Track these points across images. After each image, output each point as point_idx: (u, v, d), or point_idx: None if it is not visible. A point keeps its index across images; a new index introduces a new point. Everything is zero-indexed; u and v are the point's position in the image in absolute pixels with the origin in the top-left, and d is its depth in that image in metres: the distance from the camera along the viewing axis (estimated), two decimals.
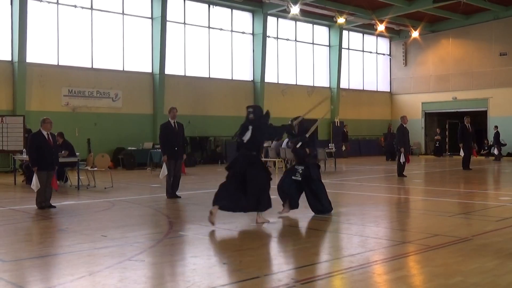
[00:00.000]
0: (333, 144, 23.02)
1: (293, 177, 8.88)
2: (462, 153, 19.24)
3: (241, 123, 8.23)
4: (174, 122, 11.57)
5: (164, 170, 11.31)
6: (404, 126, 16.74)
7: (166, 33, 23.62)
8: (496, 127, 27.40)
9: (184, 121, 23.82)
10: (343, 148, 28.38)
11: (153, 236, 7.45)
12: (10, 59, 20.25)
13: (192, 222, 8.71)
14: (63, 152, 14.02)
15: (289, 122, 8.90)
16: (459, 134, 19.51)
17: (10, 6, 20.19)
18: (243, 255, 6.19)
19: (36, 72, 20.66)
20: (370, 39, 33.65)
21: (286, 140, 20.94)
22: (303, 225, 8.22)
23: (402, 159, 16.33)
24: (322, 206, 8.90)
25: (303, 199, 9.08)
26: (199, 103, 24.92)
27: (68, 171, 14.84)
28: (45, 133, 10.06)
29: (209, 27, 25.71)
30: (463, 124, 19.55)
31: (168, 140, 11.45)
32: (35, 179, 9.85)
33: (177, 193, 11.50)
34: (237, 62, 26.99)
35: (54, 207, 10.02)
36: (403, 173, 16.53)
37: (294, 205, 8.94)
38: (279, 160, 20.01)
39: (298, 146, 8.86)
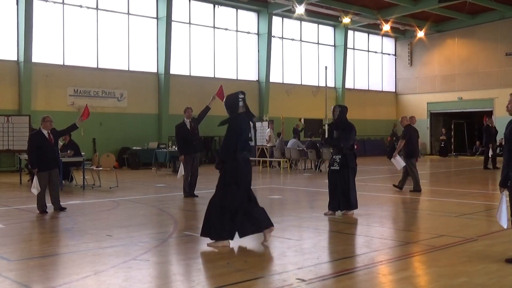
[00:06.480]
0: None
1: (331, 167, 9.01)
2: (491, 153, 19.26)
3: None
4: (189, 121, 11.66)
5: (181, 170, 11.44)
6: (413, 126, 16.75)
7: (171, 33, 23.66)
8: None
9: None
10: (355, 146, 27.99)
11: (158, 235, 7.46)
12: (16, 59, 20.33)
13: (197, 222, 8.71)
14: (68, 151, 14.08)
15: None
16: (486, 135, 19.48)
17: (16, 6, 20.27)
18: (247, 255, 6.19)
19: (42, 72, 20.72)
20: (375, 39, 33.59)
21: (292, 141, 20.97)
22: (307, 225, 8.21)
23: None
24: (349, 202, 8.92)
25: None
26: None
27: (74, 171, 14.89)
28: (45, 132, 9.53)
29: (214, 27, 25.73)
30: (487, 124, 19.64)
31: (185, 140, 11.56)
32: (35, 181, 9.30)
33: (195, 192, 11.60)
34: (242, 62, 26.99)
35: (65, 209, 9.58)
36: None
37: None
38: (283, 160, 20.00)
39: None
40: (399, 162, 12.40)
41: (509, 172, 5.58)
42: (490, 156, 19.43)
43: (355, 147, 9.43)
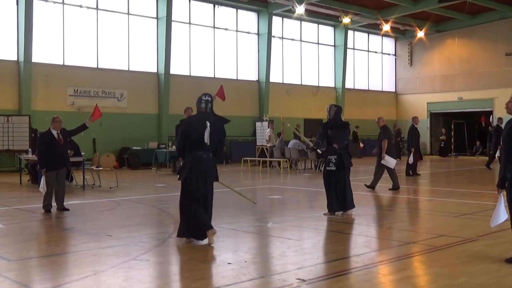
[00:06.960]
0: None
1: (327, 168, 8.99)
2: (498, 154, 19.18)
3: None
4: None
5: None
6: (415, 126, 16.88)
7: (171, 33, 23.66)
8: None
9: None
10: (361, 145, 27.46)
11: (158, 235, 7.47)
12: (16, 59, 20.32)
13: None
14: (68, 151, 14.08)
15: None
16: (496, 135, 19.35)
17: (16, 6, 20.27)
18: (247, 255, 6.18)
19: (42, 72, 20.72)
20: (375, 39, 33.59)
21: (293, 141, 20.95)
22: (307, 225, 8.21)
23: (410, 160, 16.34)
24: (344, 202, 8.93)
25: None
26: None
27: (74, 171, 14.89)
28: (54, 132, 9.62)
29: (214, 27, 25.73)
30: (497, 125, 19.59)
31: None
32: (43, 181, 9.40)
33: None
34: (242, 62, 26.99)
35: (68, 209, 9.56)
36: (417, 172, 16.66)
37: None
38: (283, 160, 20.00)
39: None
40: (389, 161, 12.68)
41: (507, 173, 5.57)
42: (496, 157, 19.35)
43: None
